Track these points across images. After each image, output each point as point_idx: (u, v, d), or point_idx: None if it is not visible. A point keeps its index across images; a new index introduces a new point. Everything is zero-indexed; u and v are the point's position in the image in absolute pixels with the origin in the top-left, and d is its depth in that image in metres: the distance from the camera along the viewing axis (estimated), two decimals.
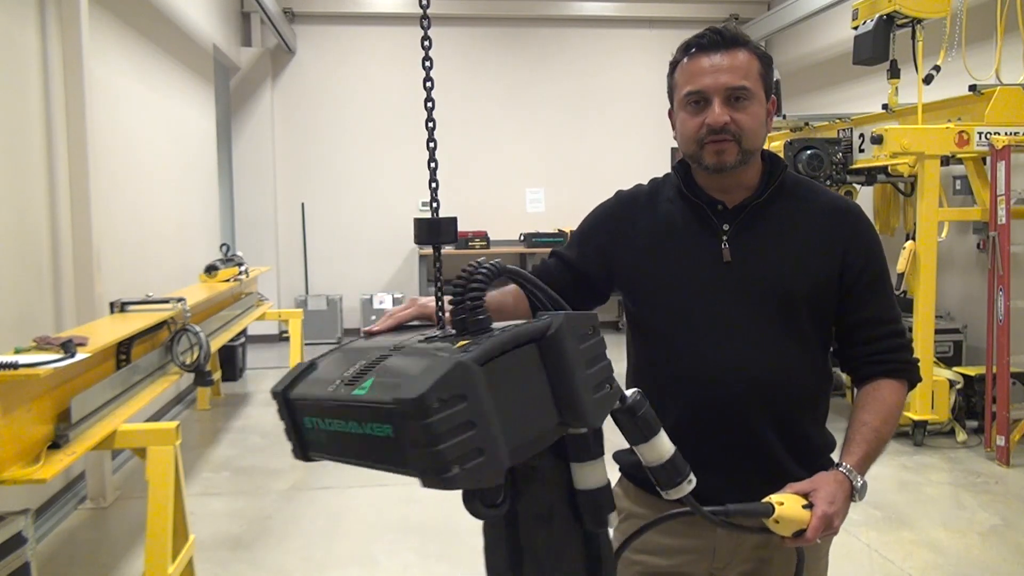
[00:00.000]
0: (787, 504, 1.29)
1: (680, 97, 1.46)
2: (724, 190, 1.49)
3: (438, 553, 3.56)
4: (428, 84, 1.05)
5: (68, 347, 2.71)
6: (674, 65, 1.49)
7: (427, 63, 1.05)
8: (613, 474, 1.61)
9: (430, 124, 1.06)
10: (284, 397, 0.95)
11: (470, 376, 0.81)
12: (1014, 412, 4.75)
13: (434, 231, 1.05)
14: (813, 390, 1.52)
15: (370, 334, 1.15)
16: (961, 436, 5.07)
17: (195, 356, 3.90)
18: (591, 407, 0.92)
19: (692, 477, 1.14)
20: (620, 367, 1.68)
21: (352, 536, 3.83)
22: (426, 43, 1.05)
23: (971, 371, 5.13)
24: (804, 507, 1.31)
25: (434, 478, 0.80)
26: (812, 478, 1.35)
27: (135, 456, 3.10)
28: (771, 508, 1.28)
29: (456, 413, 0.79)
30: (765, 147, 1.53)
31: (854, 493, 1.37)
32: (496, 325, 0.96)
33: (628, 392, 1.06)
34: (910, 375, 1.50)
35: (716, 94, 1.40)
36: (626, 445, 1.16)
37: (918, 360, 1.54)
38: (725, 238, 1.47)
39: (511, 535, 1.02)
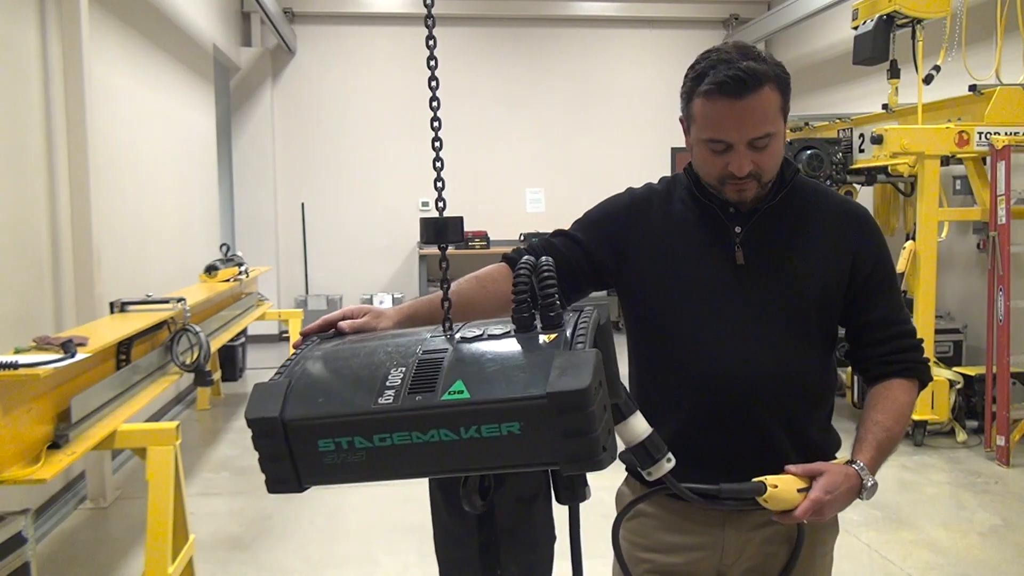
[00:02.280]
0: (781, 487, 1.32)
1: (700, 138, 1.42)
2: None
3: None
4: (433, 83, 1.05)
5: (68, 347, 2.71)
6: (689, 93, 1.42)
7: (432, 62, 1.05)
8: (621, 474, 1.62)
9: (435, 124, 1.06)
10: (282, 422, 0.88)
11: (601, 364, 0.86)
12: (1014, 412, 4.74)
13: (441, 231, 1.04)
14: (820, 390, 1.53)
15: (307, 334, 1.14)
16: (961, 436, 5.07)
17: (195, 356, 3.90)
18: (620, 383, 1.03)
19: (671, 456, 1.17)
20: (620, 367, 1.67)
21: (352, 536, 3.83)
22: (431, 42, 1.04)
23: (971, 371, 5.13)
24: (800, 490, 1.33)
25: (586, 462, 0.84)
26: (821, 463, 1.38)
27: (135, 456, 3.10)
28: (763, 487, 1.30)
29: (601, 399, 0.85)
30: None
31: (862, 491, 1.38)
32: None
33: None
34: (921, 374, 1.52)
35: (740, 144, 1.38)
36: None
37: (928, 360, 1.56)
38: (738, 240, 1.48)
39: (485, 524, 1.02)
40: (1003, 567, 3.48)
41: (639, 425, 1.15)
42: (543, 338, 0.91)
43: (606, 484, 1.66)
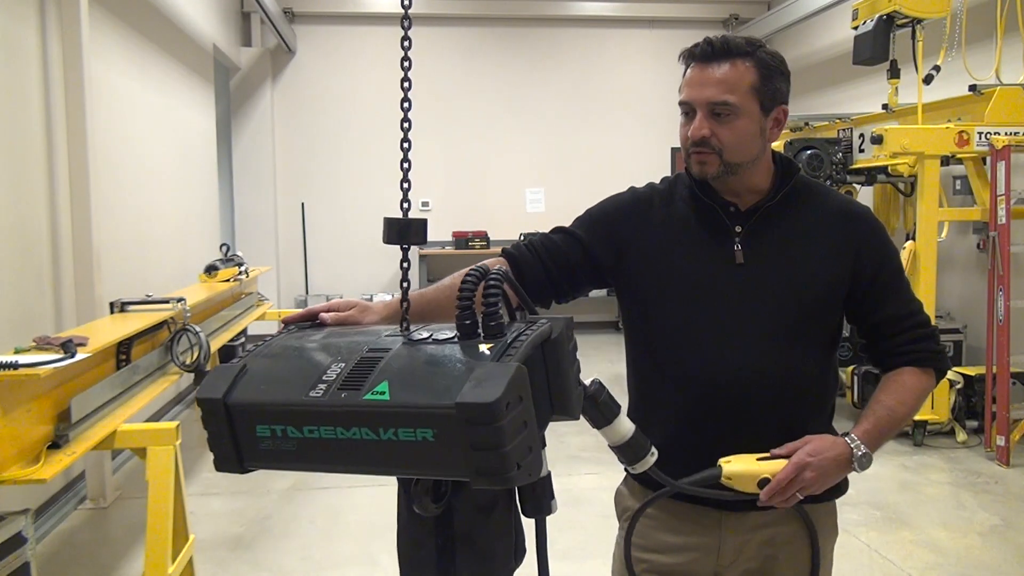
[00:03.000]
0: (735, 462, 1.36)
1: (679, 104, 1.49)
2: (735, 193, 1.50)
3: None
4: (406, 84, 1.06)
5: (68, 347, 2.71)
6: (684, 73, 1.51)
7: (406, 63, 1.06)
8: (619, 475, 1.62)
9: (405, 125, 1.06)
10: (225, 404, 0.91)
11: (525, 379, 0.85)
12: (1014, 412, 4.75)
13: (404, 232, 1.03)
14: (818, 391, 1.53)
15: (288, 323, 1.14)
16: (961, 436, 5.07)
17: (195, 356, 3.90)
18: (576, 401, 0.98)
19: (654, 450, 1.22)
20: (620, 367, 1.67)
21: (352, 536, 3.83)
22: (406, 43, 1.06)
23: (971, 371, 5.13)
24: (760, 459, 1.36)
25: (494, 478, 0.83)
26: (808, 436, 1.40)
27: (135, 456, 3.10)
28: (718, 469, 1.35)
29: (519, 415, 0.83)
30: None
31: (853, 461, 1.39)
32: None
33: (587, 381, 1.11)
34: (936, 363, 1.53)
35: (699, 107, 1.43)
36: None
37: (943, 349, 1.57)
38: (737, 240, 1.48)
39: (442, 527, 1.03)
40: (1003, 567, 3.48)
41: (623, 426, 1.18)
42: (483, 347, 0.90)
43: (607, 484, 1.66)
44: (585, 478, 4.14)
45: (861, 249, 1.50)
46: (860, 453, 1.39)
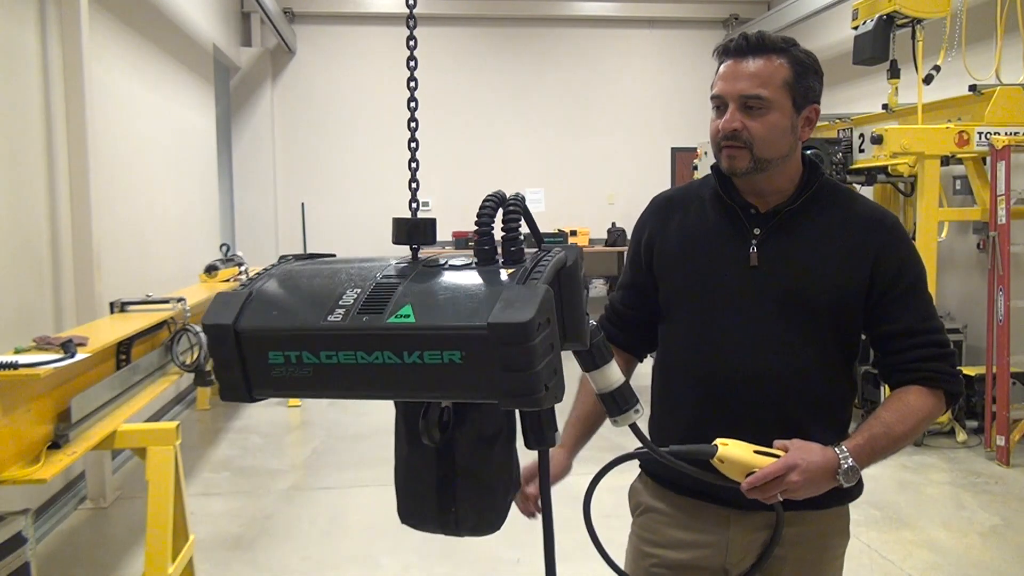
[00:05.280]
0: (732, 446, 1.33)
1: (710, 98, 1.49)
2: (758, 194, 1.50)
3: (438, 553, 3.56)
4: (412, 84, 1.05)
5: (68, 347, 2.71)
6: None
7: (411, 63, 1.05)
8: (629, 473, 1.62)
9: (412, 124, 1.06)
10: (235, 331, 0.89)
11: (552, 301, 0.86)
12: (1014, 412, 4.74)
13: (413, 232, 1.03)
14: (830, 398, 1.51)
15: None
16: (961, 436, 5.07)
17: (195, 356, 3.91)
18: (586, 329, 1.01)
19: (639, 408, 1.19)
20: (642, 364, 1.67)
21: (352, 536, 3.83)
22: (411, 43, 1.05)
23: (971, 371, 5.12)
24: (757, 451, 1.33)
25: (523, 399, 0.83)
26: (799, 440, 1.38)
27: (135, 456, 3.10)
28: (714, 448, 1.33)
29: (546, 336, 0.83)
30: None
31: (839, 473, 1.35)
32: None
33: None
34: (946, 384, 1.46)
35: (731, 100, 1.42)
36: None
37: (957, 372, 1.49)
38: (754, 242, 1.48)
39: (444, 460, 1.03)
40: (1003, 567, 3.48)
41: (612, 375, 1.17)
42: (503, 272, 0.91)
43: (611, 484, 1.65)
44: (585, 478, 4.14)
45: (880, 256, 1.46)
46: (846, 466, 1.34)
